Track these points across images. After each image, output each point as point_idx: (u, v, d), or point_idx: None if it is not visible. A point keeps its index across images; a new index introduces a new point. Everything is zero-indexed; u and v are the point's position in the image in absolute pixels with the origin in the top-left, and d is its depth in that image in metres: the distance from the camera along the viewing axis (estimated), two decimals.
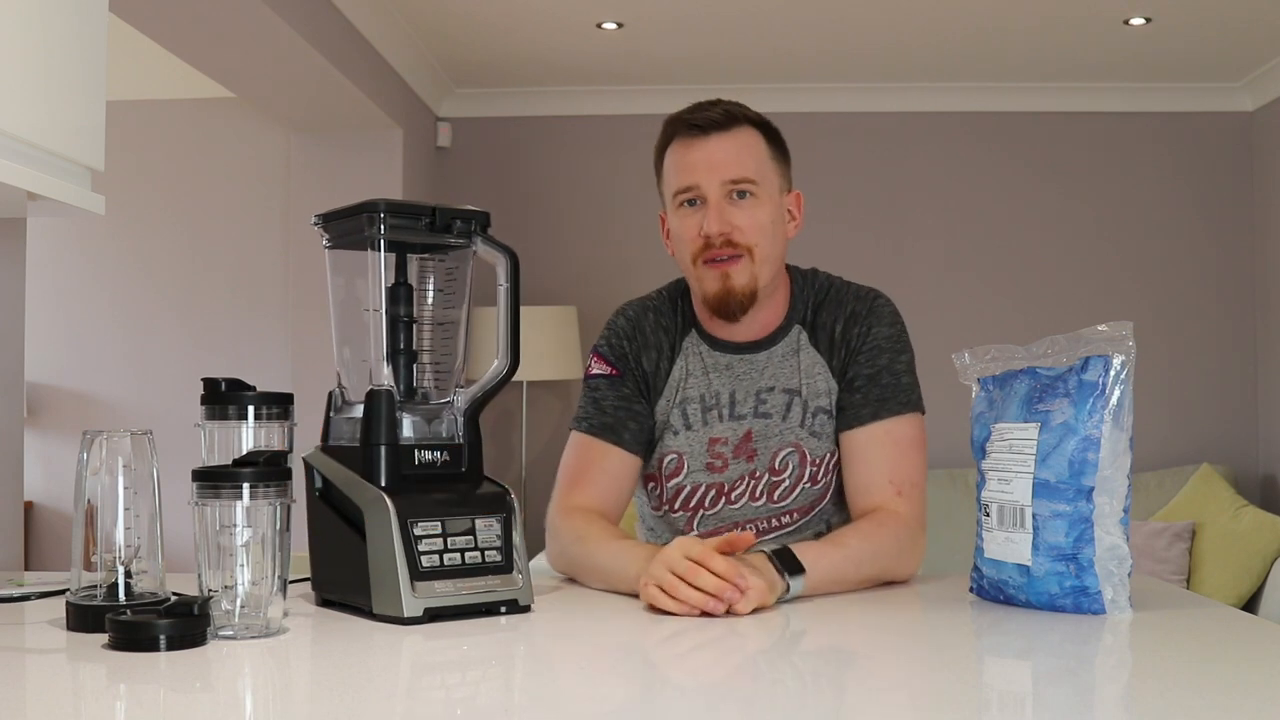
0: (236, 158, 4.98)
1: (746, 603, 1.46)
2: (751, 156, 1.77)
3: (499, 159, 5.09)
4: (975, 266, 4.96)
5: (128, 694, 1.14)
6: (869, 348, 1.78)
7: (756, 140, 1.79)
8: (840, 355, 1.80)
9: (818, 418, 1.79)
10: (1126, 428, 1.47)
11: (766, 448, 1.80)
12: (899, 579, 1.71)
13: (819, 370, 1.80)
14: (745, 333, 1.83)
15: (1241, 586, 4.10)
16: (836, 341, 1.80)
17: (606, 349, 1.88)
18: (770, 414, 1.80)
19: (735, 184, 1.76)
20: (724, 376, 1.82)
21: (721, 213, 1.75)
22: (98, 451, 1.38)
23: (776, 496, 1.80)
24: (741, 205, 1.76)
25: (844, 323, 1.80)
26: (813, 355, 1.81)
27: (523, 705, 1.14)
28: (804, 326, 1.83)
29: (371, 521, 1.44)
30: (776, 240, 1.79)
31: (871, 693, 1.19)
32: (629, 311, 1.91)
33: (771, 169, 1.80)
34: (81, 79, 1.66)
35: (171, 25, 3.41)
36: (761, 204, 1.77)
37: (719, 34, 4.33)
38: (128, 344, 4.98)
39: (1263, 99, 4.81)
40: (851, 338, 1.79)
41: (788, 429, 1.79)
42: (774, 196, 1.79)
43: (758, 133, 1.79)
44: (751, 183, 1.76)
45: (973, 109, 4.98)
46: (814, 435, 1.79)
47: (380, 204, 1.49)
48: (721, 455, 1.81)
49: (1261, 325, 4.87)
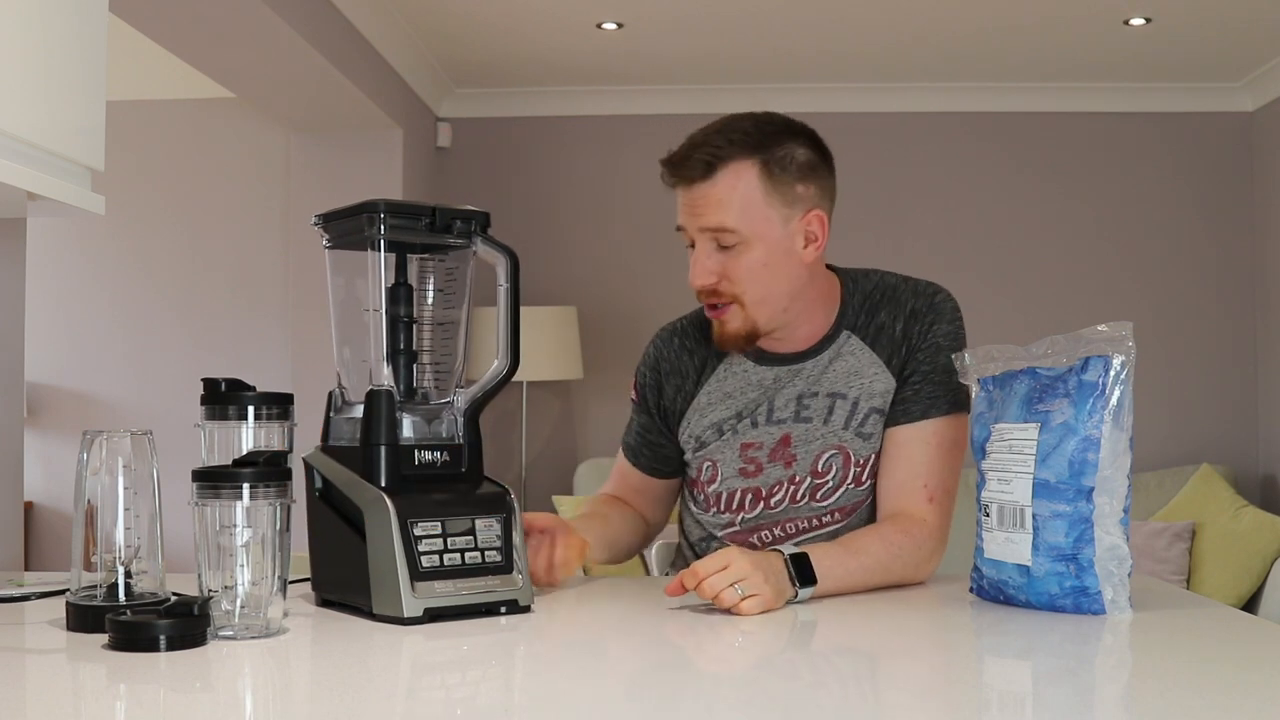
0: (236, 158, 4.98)
1: (751, 606, 1.47)
2: (735, 202, 1.68)
3: (499, 159, 5.09)
4: (975, 266, 4.96)
5: (128, 694, 1.14)
6: (929, 345, 1.76)
7: (747, 180, 1.69)
8: (900, 353, 1.77)
9: (870, 418, 1.77)
10: (1126, 428, 1.47)
11: (808, 451, 1.78)
12: (910, 584, 1.71)
13: (874, 370, 1.77)
14: (792, 345, 1.80)
15: (1241, 586, 4.10)
16: (897, 340, 1.77)
17: (637, 376, 1.96)
18: (811, 418, 1.78)
19: (711, 233, 1.71)
20: (768, 390, 1.81)
21: (705, 263, 1.72)
22: (98, 451, 1.38)
23: (819, 496, 1.79)
24: (727, 253, 1.71)
25: (905, 321, 1.78)
26: (867, 356, 1.78)
27: (523, 705, 1.14)
28: (854, 331, 1.80)
29: (371, 522, 1.44)
30: (776, 278, 1.73)
31: (872, 692, 1.19)
32: (658, 339, 1.95)
33: (764, 205, 1.70)
34: (81, 79, 1.66)
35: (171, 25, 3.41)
36: (749, 248, 1.70)
37: (719, 34, 4.33)
38: (128, 344, 4.98)
39: (1263, 99, 4.81)
40: (912, 335, 1.77)
41: (829, 432, 1.78)
42: (767, 236, 1.70)
43: (750, 164, 1.69)
44: (731, 232, 1.69)
45: (973, 109, 4.98)
46: (861, 436, 1.77)
47: (380, 204, 1.49)
48: (755, 460, 1.80)
49: (1261, 325, 4.87)
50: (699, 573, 1.48)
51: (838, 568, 1.59)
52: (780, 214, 1.72)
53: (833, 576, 1.58)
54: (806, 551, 1.57)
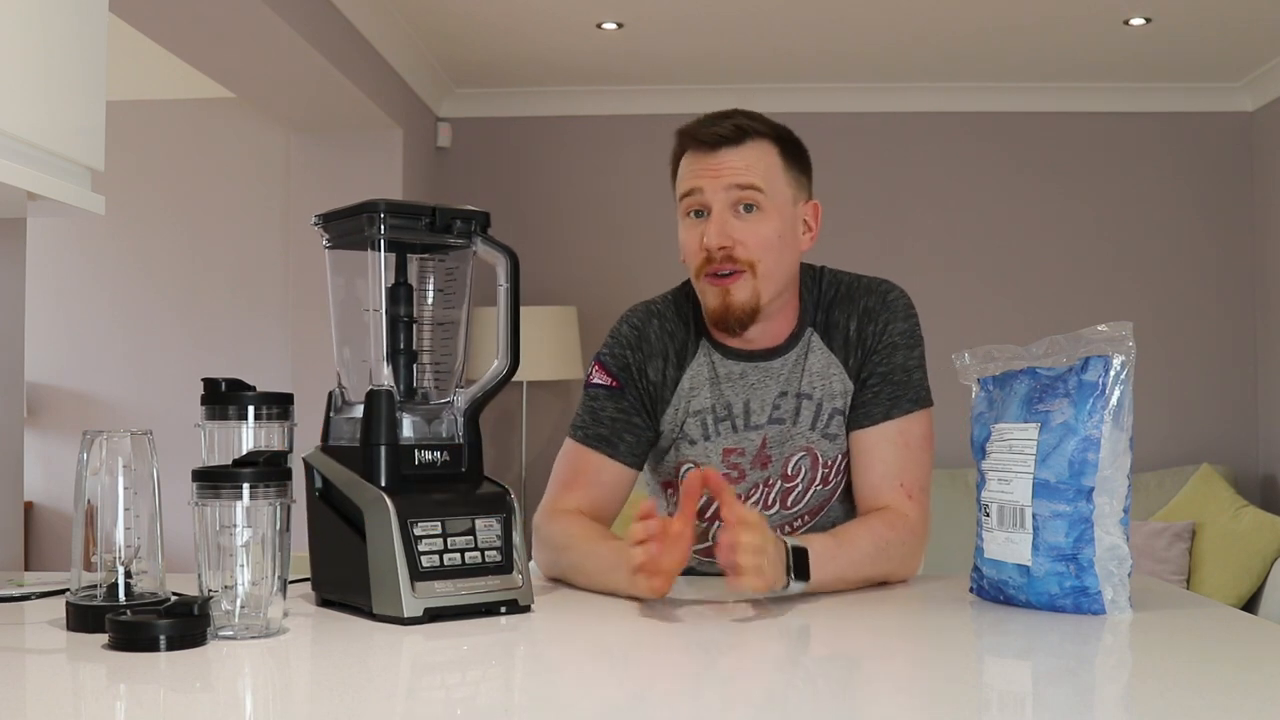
0: (236, 158, 4.98)
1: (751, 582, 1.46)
2: (761, 168, 1.72)
3: (499, 159, 5.09)
4: (975, 266, 4.96)
5: (128, 694, 1.14)
6: (884, 345, 1.76)
7: (769, 153, 1.74)
8: (857, 355, 1.77)
9: (834, 419, 1.77)
10: (1126, 428, 1.47)
11: (780, 453, 1.78)
12: (898, 580, 1.71)
13: (834, 371, 1.77)
14: (757, 341, 1.79)
15: (1241, 586, 4.10)
16: (852, 341, 1.77)
17: (609, 358, 1.84)
18: (784, 419, 1.78)
19: (741, 190, 1.71)
20: (737, 386, 1.79)
21: (724, 225, 1.71)
22: (98, 451, 1.38)
23: (789, 503, 1.80)
24: (746, 219, 1.71)
25: (858, 320, 1.77)
26: (826, 356, 1.78)
27: (523, 705, 1.14)
28: (815, 328, 1.79)
29: (371, 521, 1.44)
30: (784, 255, 1.74)
31: (872, 693, 1.19)
32: (634, 319, 1.86)
33: (784, 181, 1.75)
34: (81, 79, 1.66)
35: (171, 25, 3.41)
36: (767, 217, 1.72)
37: (719, 34, 4.33)
38: (128, 344, 4.98)
39: (1263, 99, 4.81)
40: (867, 335, 1.77)
41: (798, 433, 1.78)
42: (783, 210, 1.74)
43: (772, 146, 1.74)
44: (758, 191, 1.71)
45: (973, 109, 4.98)
46: (826, 438, 1.78)
47: (380, 204, 1.49)
48: (738, 466, 1.80)
49: (1261, 325, 4.87)
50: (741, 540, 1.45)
51: (831, 561, 1.59)
52: (792, 193, 1.77)
53: (827, 569, 1.58)
54: (806, 547, 1.57)
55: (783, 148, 1.76)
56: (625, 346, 1.84)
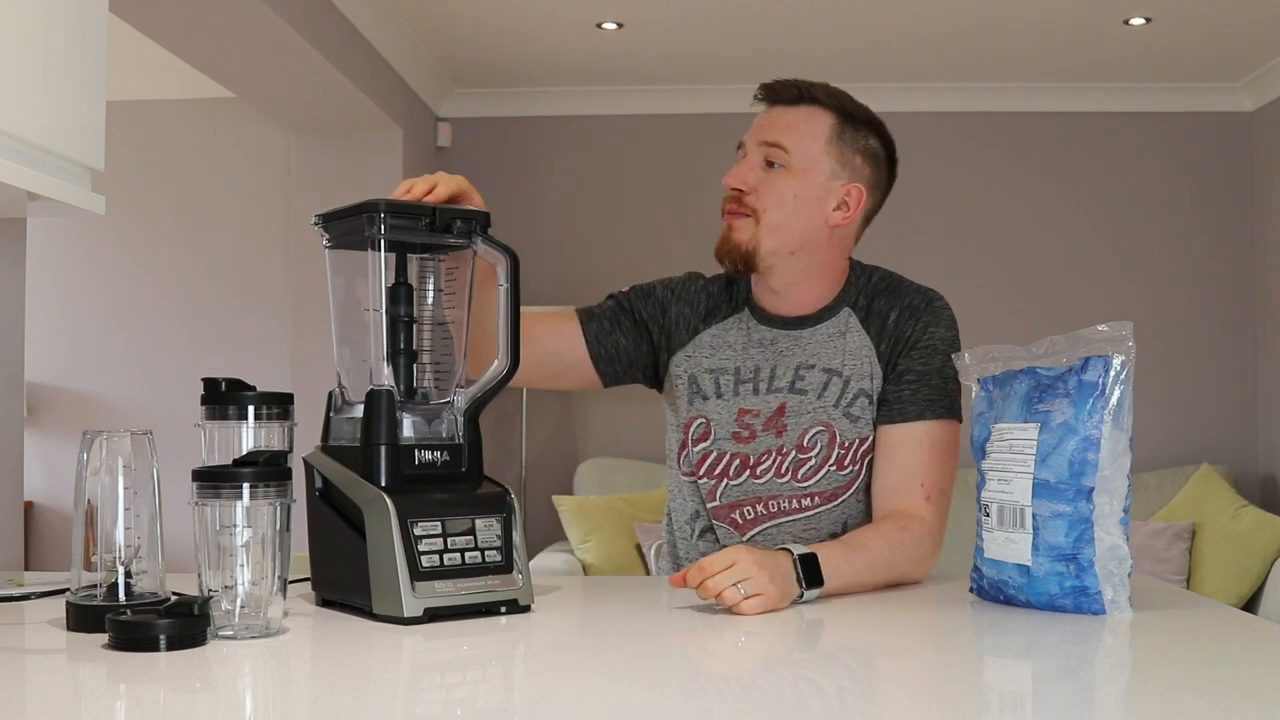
0: (236, 158, 4.98)
1: (752, 606, 1.47)
2: (801, 131, 1.78)
3: (499, 159, 5.09)
4: (975, 266, 4.96)
5: (128, 694, 1.14)
6: (925, 346, 1.77)
7: (820, 123, 1.79)
8: (889, 344, 1.79)
9: (858, 400, 1.78)
10: (1126, 428, 1.47)
11: (797, 424, 1.79)
12: (911, 582, 1.71)
13: (865, 353, 1.79)
14: (789, 306, 1.83)
15: (1241, 586, 4.10)
16: (889, 329, 1.80)
17: (643, 286, 1.93)
18: (806, 390, 1.80)
19: (769, 147, 1.78)
20: (767, 352, 1.83)
21: (745, 171, 1.79)
22: (98, 451, 1.38)
23: (801, 475, 1.79)
24: (769, 172, 1.79)
25: (899, 313, 1.80)
26: (862, 338, 1.80)
27: (523, 705, 1.14)
28: (855, 311, 1.83)
29: (371, 521, 1.44)
30: (798, 215, 1.78)
31: (872, 692, 1.19)
32: (686, 276, 1.95)
33: (824, 152, 1.78)
34: (81, 79, 1.66)
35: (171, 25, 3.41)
36: (789, 176, 1.77)
37: (719, 34, 4.33)
38: (128, 344, 4.98)
39: (1263, 99, 4.81)
40: (905, 330, 1.79)
41: (821, 407, 1.79)
42: (811, 175, 1.78)
43: (829, 115, 1.79)
44: (783, 151, 1.77)
45: (973, 109, 4.98)
46: (848, 417, 1.78)
47: (380, 204, 1.49)
48: (750, 426, 1.81)
49: (1261, 325, 4.87)
50: (705, 569, 1.48)
51: (844, 565, 1.59)
52: (830, 167, 1.80)
53: (839, 575, 1.58)
54: (815, 552, 1.57)
55: (840, 122, 1.80)
56: (658, 281, 1.94)
